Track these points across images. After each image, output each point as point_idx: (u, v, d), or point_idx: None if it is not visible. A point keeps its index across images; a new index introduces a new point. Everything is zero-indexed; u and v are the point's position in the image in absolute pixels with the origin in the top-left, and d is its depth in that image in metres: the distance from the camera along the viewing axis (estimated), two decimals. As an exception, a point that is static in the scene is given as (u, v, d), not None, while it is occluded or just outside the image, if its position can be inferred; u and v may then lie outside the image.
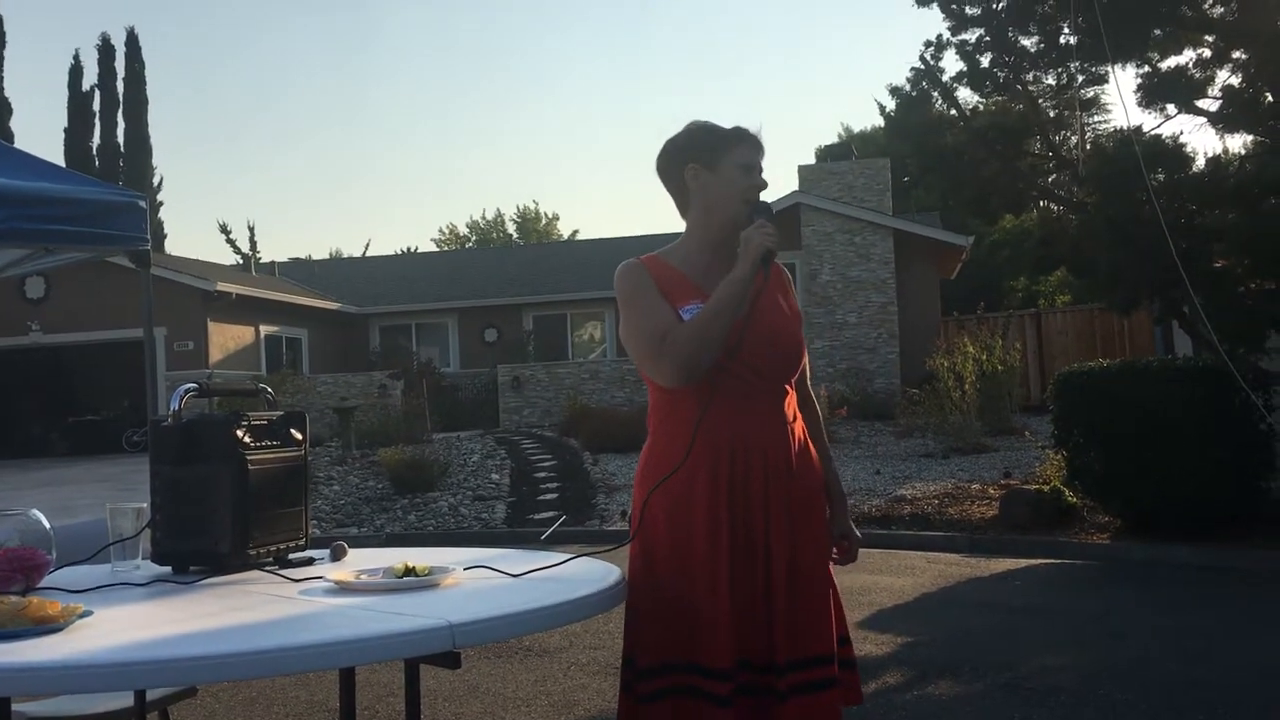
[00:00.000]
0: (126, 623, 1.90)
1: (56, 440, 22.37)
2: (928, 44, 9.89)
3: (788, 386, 2.31)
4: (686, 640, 2.14)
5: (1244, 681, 4.59)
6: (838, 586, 2.36)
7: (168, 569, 2.36)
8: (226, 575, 2.31)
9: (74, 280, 20.65)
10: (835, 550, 2.41)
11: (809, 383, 2.48)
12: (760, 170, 2.34)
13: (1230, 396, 7.37)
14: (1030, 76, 9.83)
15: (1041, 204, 11.19)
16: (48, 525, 2.33)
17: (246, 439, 2.36)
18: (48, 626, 1.76)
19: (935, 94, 10.25)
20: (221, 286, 21.54)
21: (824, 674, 2.15)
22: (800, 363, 2.34)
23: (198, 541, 2.33)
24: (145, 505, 2.42)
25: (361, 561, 2.45)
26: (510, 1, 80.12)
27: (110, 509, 2.44)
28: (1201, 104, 8.72)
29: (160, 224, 32.40)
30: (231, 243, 35.53)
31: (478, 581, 2.17)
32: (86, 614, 1.86)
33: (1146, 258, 7.64)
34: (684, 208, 2.40)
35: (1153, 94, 8.73)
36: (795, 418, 2.32)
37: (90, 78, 31.39)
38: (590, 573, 2.20)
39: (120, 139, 31.32)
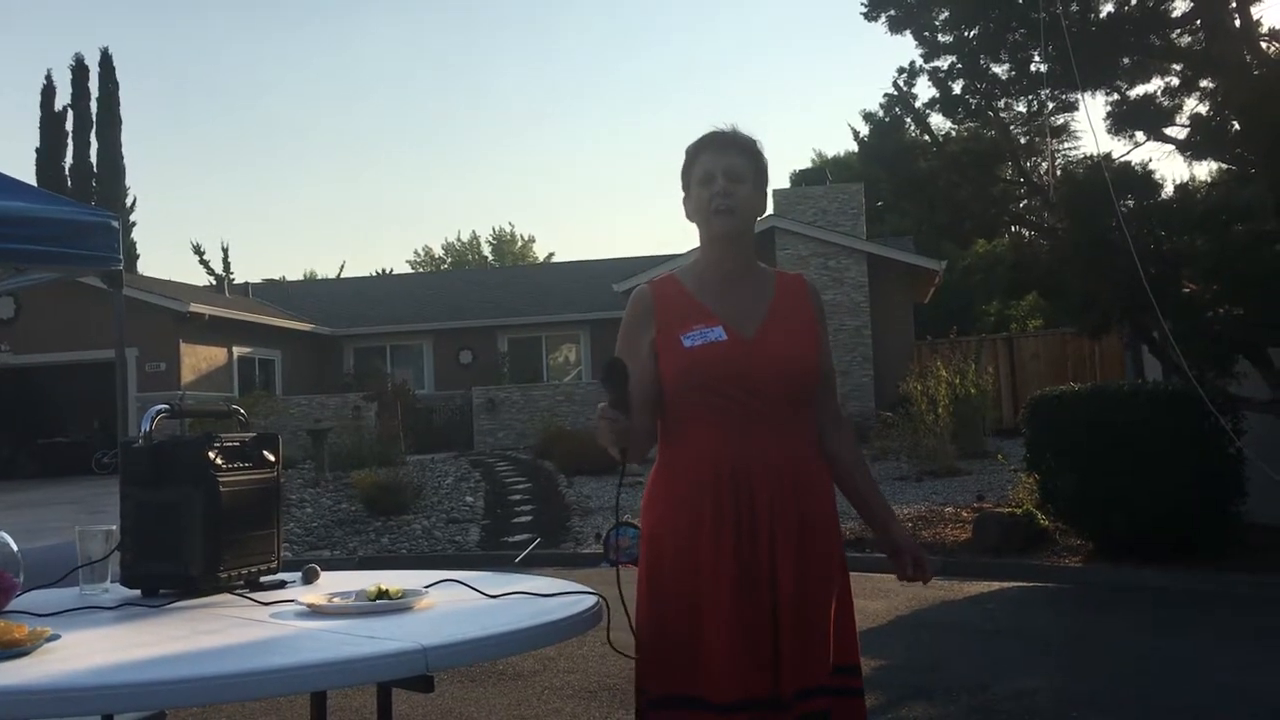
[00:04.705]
0: (95, 647, 1.88)
1: (25, 462, 22.12)
2: (901, 70, 9.98)
3: (796, 408, 2.25)
4: (690, 673, 2.10)
5: (1216, 704, 4.62)
6: (853, 608, 2.30)
7: (137, 592, 2.34)
8: (197, 599, 2.29)
9: (45, 300, 20.48)
10: (910, 567, 2.33)
11: (835, 397, 2.40)
12: (722, 175, 2.25)
13: (1200, 421, 7.44)
14: (1002, 103, 9.93)
15: (1013, 229, 11.28)
16: (15, 548, 2.31)
17: (218, 461, 2.34)
18: (14, 650, 1.74)
19: (908, 120, 10.33)
20: (194, 307, 21.41)
21: (819, 705, 2.13)
22: (807, 385, 2.26)
23: (168, 564, 2.31)
24: (115, 528, 2.40)
25: (334, 584, 2.43)
26: (487, 25, 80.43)
27: (79, 531, 2.41)
28: (1170, 131, 8.84)
29: (133, 244, 32.22)
30: (205, 263, 35.40)
31: (451, 604, 2.16)
32: (54, 638, 1.84)
33: (1116, 283, 7.72)
34: None
35: (1122, 121, 8.84)
36: (805, 440, 2.26)
37: (63, 98, 31.30)
38: (565, 596, 2.18)
39: (93, 159, 31.18)
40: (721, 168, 2.26)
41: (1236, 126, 8.22)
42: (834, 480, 2.38)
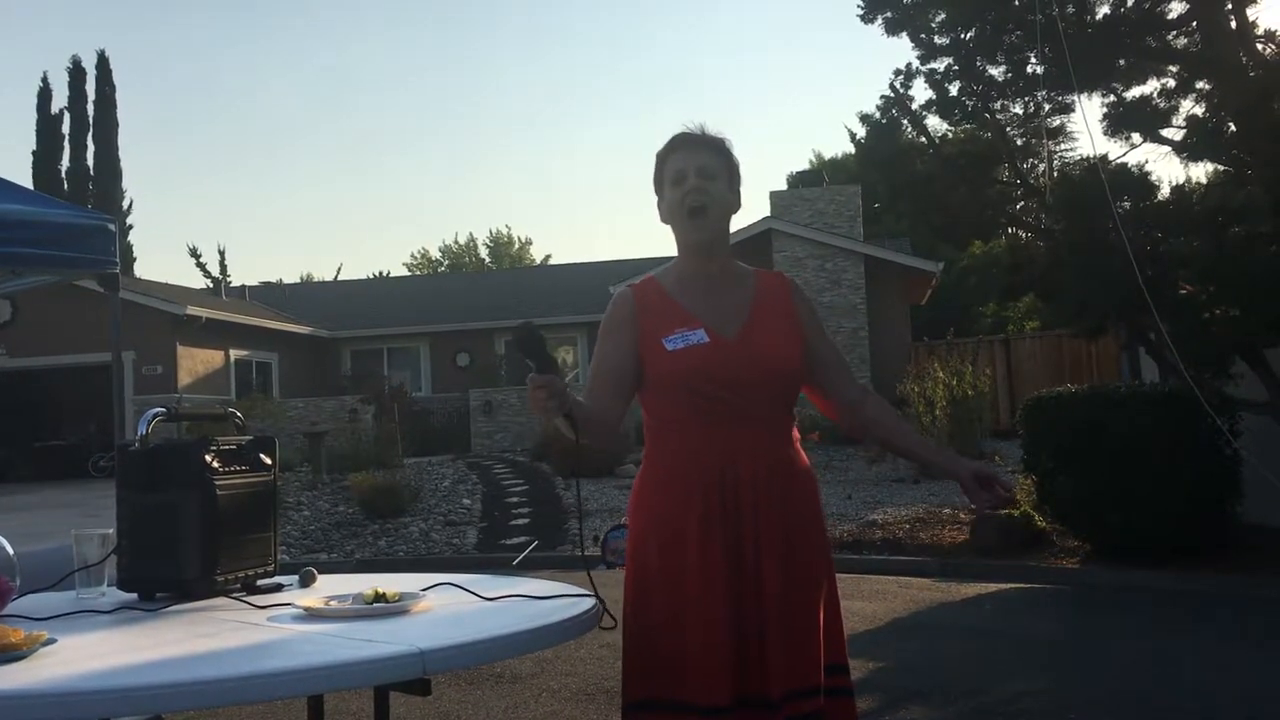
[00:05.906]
0: (91, 651, 1.88)
1: (22, 465, 22.07)
2: (897, 72, 9.98)
3: (781, 408, 2.25)
4: (677, 678, 2.09)
5: (1214, 704, 4.62)
6: (841, 609, 2.31)
7: (133, 596, 2.33)
8: (193, 602, 2.28)
9: (41, 303, 20.44)
10: (996, 494, 2.25)
11: (850, 372, 2.41)
12: (694, 173, 2.25)
13: (1197, 422, 7.44)
14: (998, 105, 9.94)
15: (1010, 231, 11.30)
16: (11, 551, 2.30)
17: (215, 464, 2.34)
18: (10, 654, 1.74)
19: (905, 122, 10.33)
20: (191, 310, 21.39)
21: (812, 705, 2.12)
22: (791, 384, 2.27)
23: (164, 568, 2.31)
24: (111, 531, 2.39)
25: (331, 588, 2.43)
26: (482, 29, 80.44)
27: (75, 535, 2.41)
28: (1166, 133, 8.84)
29: (129, 247, 32.20)
30: (202, 266, 35.34)
31: (448, 607, 2.16)
32: (50, 642, 1.83)
33: (1113, 284, 7.72)
34: None
35: (1118, 123, 8.84)
36: (791, 439, 2.27)
37: (60, 100, 31.26)
38: (562, 599, 2.18)
39: (90, 162, 31.14)
40: (693, 166, 2.27)
41: (1233, 128, 8.23)
42: (882, 443, 2.45)
